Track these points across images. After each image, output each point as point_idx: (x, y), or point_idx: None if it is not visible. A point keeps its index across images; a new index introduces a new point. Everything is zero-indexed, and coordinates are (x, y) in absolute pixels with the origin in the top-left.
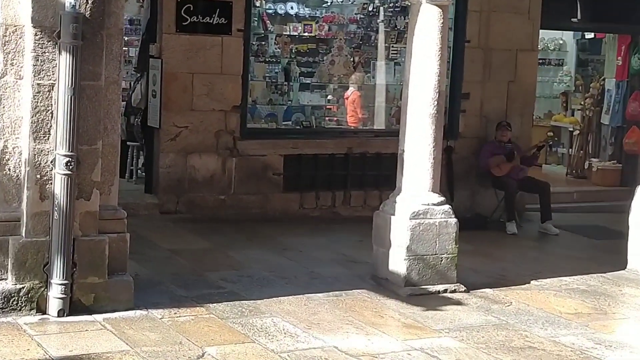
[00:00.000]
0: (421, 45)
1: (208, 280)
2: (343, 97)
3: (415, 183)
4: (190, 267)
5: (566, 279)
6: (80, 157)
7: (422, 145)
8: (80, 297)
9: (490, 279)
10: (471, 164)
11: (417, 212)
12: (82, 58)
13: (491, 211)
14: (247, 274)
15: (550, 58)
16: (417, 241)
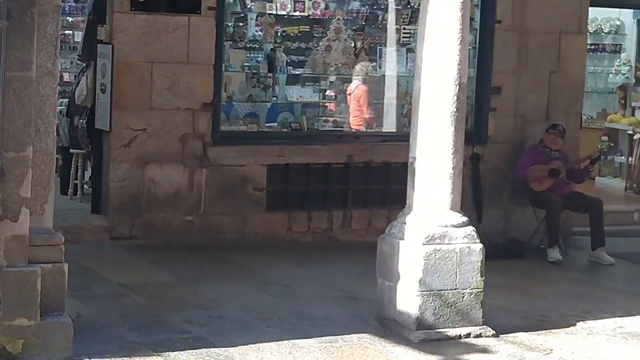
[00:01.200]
0: (437, 25)
1: (169, 323)
2: (344, 93)
3: (430, 199)
4: (147, 306)
5: (622, 321)
6: (5, 167)
7: (438, 152)
8: (6, 345)
9: (526, 321)
10: (504, 175)
11: (432, 236)
12: (8, 42)
13: (529, 235)
14: (218, 315)
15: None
16: (432, 273)
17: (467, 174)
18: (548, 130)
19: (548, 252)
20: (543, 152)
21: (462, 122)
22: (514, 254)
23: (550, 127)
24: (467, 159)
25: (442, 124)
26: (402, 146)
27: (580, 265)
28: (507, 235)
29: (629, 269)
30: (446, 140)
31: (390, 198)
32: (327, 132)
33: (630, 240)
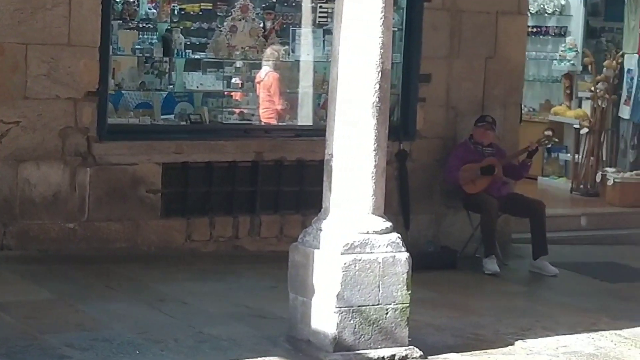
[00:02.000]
0: (356, 3)
1: (46, 347)
2: (252, 81)
3: (350, 202)
4: (20, 327)
5: (566, 339)
6: None
7: (358, 148)
8: None
9: (458, 340)
10: (434, 175)
11: (352, 244)
12: None
13: (463, 243)
14: (104, 337)
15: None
16: (352, 286)
17: (392, 174)
18: (476, 124)
19: (484, 262)
20: (474, 149)
21: (385, 114)
22: (446, 264)
23: (478, 120)
24: (393, 157)
25: (363, 116)
26: (318, 142)
27: (520, 276)
28: (438, 242)
29: (574, 281)
30: (367, 135)
31: (304, 201)
32: (233, 126)
33: (576, 248)
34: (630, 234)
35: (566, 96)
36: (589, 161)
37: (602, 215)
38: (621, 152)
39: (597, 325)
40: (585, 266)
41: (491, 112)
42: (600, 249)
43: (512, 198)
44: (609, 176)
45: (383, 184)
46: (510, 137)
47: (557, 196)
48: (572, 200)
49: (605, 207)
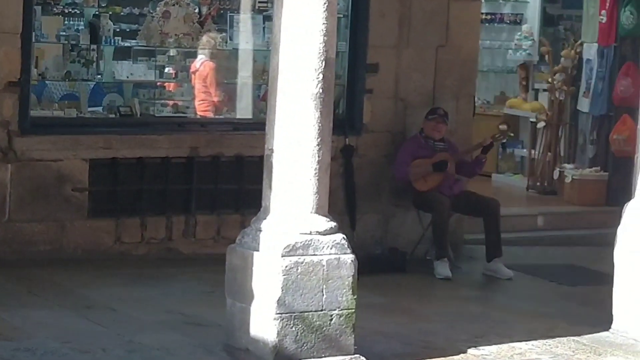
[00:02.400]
0: None
1: None
2: (187, 70)
3: (291, 201)
4: None
5: (521, 346)
6: None
7: (300, 143)
8: None
9: (408, 347)
10: (382, 172)
11: (293, 246)
12: None
13: (413, 244)
14: (26, 347)
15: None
16: (293, 291)
17: (337, 170)
18: (427, 117)
19: (435, 265)
20: (425, 143)
21: (329, 107)
22: (395, 267)
23: (429, 113)
24: (338, 152)
25: (305, 109)
26: (258, 136)
27: (473, 280)
28: (386, 244)
29: (530, 284)
30: (309, 129)
31: (243, 200)
32: (166, 119)
33: (533, 249)
34: (590, 234)
35: (522, 88)
36: (546, 157)
37: (560, 215)
38: (580, 147)
39: (554, 332)
40: (542, 269)
41: (443, 104)
42: (558, 251)
43: (465, 196)
44: (567, 173)
45: (327, 181)
46: (463, 131)
47: (513, 194)
48: (528, 199)
49: (563, 205)
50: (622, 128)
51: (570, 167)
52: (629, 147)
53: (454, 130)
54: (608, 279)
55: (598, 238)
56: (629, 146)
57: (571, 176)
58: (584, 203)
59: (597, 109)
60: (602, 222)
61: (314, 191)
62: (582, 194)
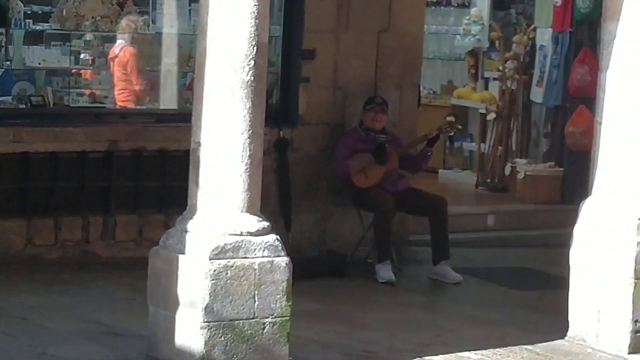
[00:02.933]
0: None
1: None
2: (105, 57)
3: (220, 199)
4: None
5: (470, 356)
6: None
7: (229, 136)
8: None
9: (348, 358)
10: (319, 167)
11: (222, 248)
12: None
13: (353, 246)
14: None
15: None
16: (222, 297)
17: (270, 166)
18: (365, 107)
19: (377, 268)
20: (365, 136)
21: (262, 96)
22: (333, 271)
23: (367, 102)
24: (271, 146)
25: (234, 98)
26: (184, 128)
27: (419, 284)
28: (324, 246)
29: (480, 289)
30: (240, 120)
31: (167, 198)
32: (82, 110)
33: (483, 251)
34: (544, 234)
35: (471, 76)
36: (497, 151)
37: (512, 214)
38: (533, 140)
39: (505, 340)
40: (493, 272)
41: (385, 94)
42: (509, 252)
43: (410, 194)
44: (520, 168)
45: (259, 178)
46: (407, 123)
47: (461, 192)
48: (477, 197)
49: (515, 204)
50: (578, 120)
51: (523, 162)
52: (585, 141)
53: (397, 123)
54: (563, 282)
55: (552, 239)
56: (585, 139)
57: (524, 172)
58: (537, 201)
59: (551, 100)
60: (556, 222)
61: (245, 188)
62: (536, 191)
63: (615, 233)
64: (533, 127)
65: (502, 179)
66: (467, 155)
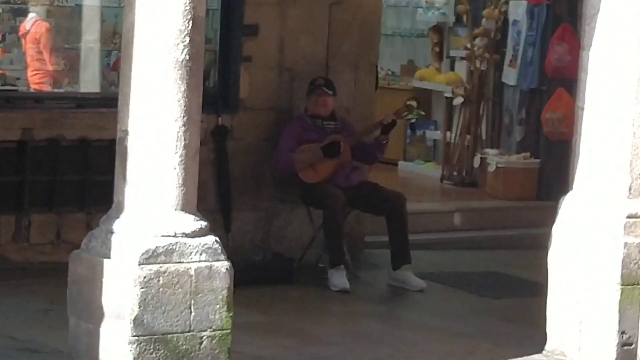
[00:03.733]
0: None
1: None
2: (16, 32)
3: (151, 195)
4: None
5: None
6: None
7: (162, 123)
8: None
9: None
10: (264, 159)
11: (153, 251)
12: None
13: (302, 249)
14: None
15: None
16: (154, 307)
17: (207, 157)
18: (309, 91)
19: (329, 274)
20: (312, 124)
21: (198, 78)
22: (279, 277)
23: (310, 85)
24: (208, 135)
25: (168, 80)
26: (108, 115)
27: (377, 292)
28: (269, 248)
29: (445, 297)
30: (173, 105)
31: (90, 195)
32: None
33: (449, 254)
34: (518, 235)
35: (435, 55)
36: (465, 141)
37: (482, 212)
38: (505, 128)
39: (475, 354)
40: (461, 278)
41: (338, 75)
42: (479, 255)
43: (365, 189)
44: (490, 160)
45: (196, 171)
46: (363, 108)
47: (424, 186)
48: (443, 192)
49: (485, 200)
50: (556, 105)
51: (494, 152)
52: (564, 128)
53: (351, 108)
54: (540, 289)
55: (528, 239)
56: (564, 127)
57: (495, 164)
58: (510, 197)
59: (526, 82)
60: (532, 220)
61: (179, 183)
62: (509, 185)
63: (599, 233)
64: (505, 113)
65: (470, 172)
66: (431, 145)
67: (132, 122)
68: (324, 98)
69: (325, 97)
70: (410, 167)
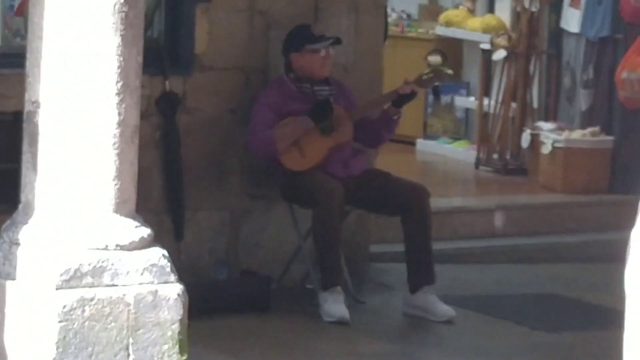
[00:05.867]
0: None
1: None
2: None
3: (71, 191)
4: None
5: None
6: None
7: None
8: None
9: None
10: (229, 138)
11: (76, 271)
12: None
13: (283, 263)
14: None
15: None
16: (77, 349)
17: (151, 137)
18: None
19: (322, 299)
20: (298, 90)
21: (137, 27)
22: (252, 304)
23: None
24: (152, 105)
25: (95, 31)
26: (11, 78)
27: (388, 324)
28: (236, 263)
29: (482, 330)
30: (104, 66)
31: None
32: None
33: (487, 268)
34: (582, 242)
35: None
36: (509, 110)
37: (533, 210)
38: (565, 93)
39: None
40: (504, 303)
41: (332, 19)
42: (529, 271)
43: (372, 180)
44: (545, 138)
45: (135, 157)
46: (367, 67)
47: (452, 175)
48: (479, 183)
49: (537, 193)
50: (637, 60)
51: (550, 127)
52: None
53: (350, 67)
54: (614, 318)
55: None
56: None
57: (551, 143)
58: (573, 189)
59: (594, 28)
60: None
61: (112, 175)
62: (570, 173)
63: None
64: (565, 72)
65: (517, 154)
66: (462, 116)
67: (45, 90)
68: (319, 57)
69: (322, 57)
70: (433, 147)
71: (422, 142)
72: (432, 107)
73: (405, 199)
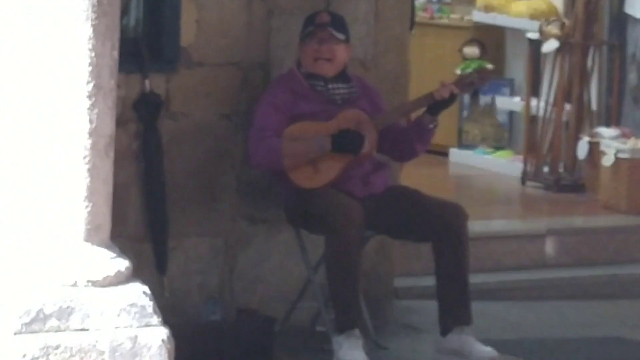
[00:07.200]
0: None
1: None
2: None
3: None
4: None
5: None
6: None
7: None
8: None
9: None
10: (223, 149)
11: (39, 312)
12: None
13: (288, 302)
14: None
15: None
16: None
17: (128, 148)
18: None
19: (336, 344)
20: (310, 88)
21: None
22: (252, 350)
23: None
24: (130, 109)
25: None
26: None
27: None
28: (232, 301)
29: None
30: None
31: None
32: None
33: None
34: None
35: None
36: (562, 114)
37: (592, 234)
38: (630, 92)
39: None
40: (557, 347)
41: (348, 5)
42: (588, 309)
43: (397, 199)
44: (606, 147)
45: (109, 173)
46: (390, 61)
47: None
48: (526, 201)
49: (597, 214)
50: None
51: (612, 134)
52: None
53: (369, 62)
54: None
55: None
56: None
57: (613, 154)
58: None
59: None
60: None
61: (84, 195)
62: (637, 189)
63: None
64: (631, 67)
65: (572, 166)
66: (505, 120)
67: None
68: (329, 46)
69: (331, 45)
70: (470, 158)
71: (457, 152)
72: (468, 110)
73: (437, 222)
